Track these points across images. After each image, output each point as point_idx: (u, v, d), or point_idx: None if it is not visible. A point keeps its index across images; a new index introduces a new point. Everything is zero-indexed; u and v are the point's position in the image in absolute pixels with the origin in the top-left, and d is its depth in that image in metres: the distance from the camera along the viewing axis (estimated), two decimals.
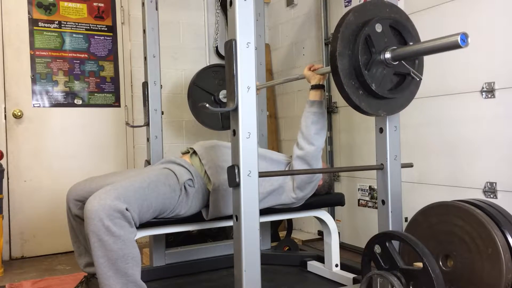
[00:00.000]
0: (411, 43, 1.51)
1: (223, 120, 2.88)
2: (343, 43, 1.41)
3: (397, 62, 1.47)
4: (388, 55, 1.45)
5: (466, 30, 2.30)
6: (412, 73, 1.50)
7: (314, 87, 1.92)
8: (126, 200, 1.55)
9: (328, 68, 1.77)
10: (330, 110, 3.29)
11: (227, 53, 1.36)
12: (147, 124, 2.31)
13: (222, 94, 2.84)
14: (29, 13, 3.18)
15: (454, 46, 1.28)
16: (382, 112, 1.53)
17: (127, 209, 1.53)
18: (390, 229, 1.69)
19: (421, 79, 1.55)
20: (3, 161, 2.98)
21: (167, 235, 2.50)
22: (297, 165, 1.91)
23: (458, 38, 1.26)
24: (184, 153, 2.02)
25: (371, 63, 1.44)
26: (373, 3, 1.50)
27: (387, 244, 1.52)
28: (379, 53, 1.45)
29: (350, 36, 1.42)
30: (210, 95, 2.86)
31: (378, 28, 1.44)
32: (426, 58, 2.52)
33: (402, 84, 1.53)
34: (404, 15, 1.56)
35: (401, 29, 1.51)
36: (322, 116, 1.90)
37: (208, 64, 3.72)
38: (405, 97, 1.58)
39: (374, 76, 1.45)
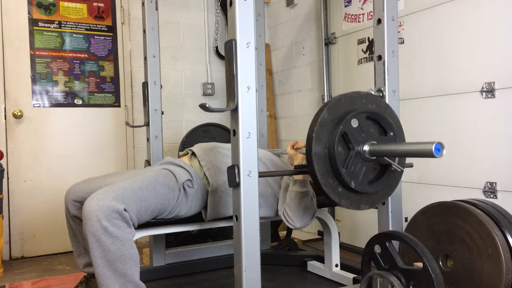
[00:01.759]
0: (391, 133, 1.48)
1: None
2: (319, 143, 1.38)
3: (375, 156, 1.44)
4: (366, 148, 1.42)
5: (466, 30, 2.32)
6: (393, 165, 1.45)
7: (297, 167, 1.82)
8: (124, 201, 1.54)
9: None
10: None
11: (227, 53, 1.36)
12: (147, 124, 2.31)
13: None
14: (29, 13, 3.18)
15: (428, 154, 1.23)
16: (364, 206, 1.49)
17: (125, 210, 1.53)
18: (390, 229, 1.69)
19: (402, 170, 1.51)
20: (3, 161, 2.98)
21: (167, 235, 2.50)
22: (286, 219, 1.88)
23: (433, 148, 1.22)
24: (183, 155, 2.01)
25: (349, 160, 1.41)
26: (348, 96, 1.46)
27: (387, 244, 1.52)
28: (357, 147, 1.42)
29: (325, 133, 1.39)
30: None
31: (354, 123, 1.41)
32: (426, 58, 2.53)
33: (383, 175, 1.49)
34: (382, 104, 1.53)
35: (379, 119, 1.48)
36: (305, 195, 1.81)
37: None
38: (388, 187, 1.54)
39: (353, 173, 1.42)
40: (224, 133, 3.00)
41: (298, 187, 1.81)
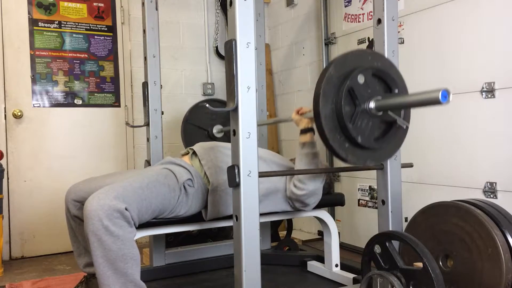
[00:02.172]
0: (396, 90, 1.49)
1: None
2: (325, 98, 1.38)
3: (382, 112, 1.45)
4: (372, 105, 1.43)
5: (466, 30, 2.32)
6: (398, 121, 1.47)
7: (303, 131, 1.89)
8: (125, 200, 1.55)
9: None
10: None
11: (227, 53, 1.36)
12: (147, 124, 2.31)
13: (216, 129, 2.84)
14: (29, 13, 3.18)
15: (435, 101, 1.25)
16: (370, 162, 1.50)
17: (126, 209, 1.53)
18: (390, 229, 1.69)
19: (407, 127, 1.52)
20: (3, 161, 2.98)
21: (167, 235, 2.50)
22: (293, 198, 1.93)
23: (439, 94, 1.23)
24: (184, 154, 2.02)
25: (355, 115, 1.41)
26: (354, 53, 1.47)
27: (387, 244, 1.52)
28: (363, 103, 1.42)
29: (332, 89, 1.39)
30: (204, 131, 2.86)
31: (361, 79, 1.42)
32: (426, 58, 2.53)
33: (389, 132, 1.50)
34: (387, 62, 1.53)
35: (385, 77, 1.48)
36: (314, 156, 1.88)
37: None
38: (394, 144, 1.55)
39: (360, 128, 1.42)
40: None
41: (307, 148, 1.88)
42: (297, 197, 1.91)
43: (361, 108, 1.42)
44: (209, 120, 2.89)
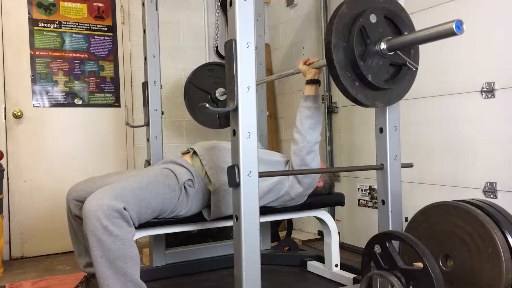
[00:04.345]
0: (406, 33, 1.50)
1: (221, 119, 2.88)
2: (338, 35, 1.40)
3: (392, 53, 1.47)
4: (383, 45, 1.44)
5: (466, 30, 2.31)
6: (408, 63, 1.49)
7: (310, 81, 1.92)
8: (124, 200, 1.55)
9: (324, 62, 1.76)
10: (330, 110, 3.29)
11: (227, 53, 1.36)
12: (147, 124, 2.31)
13: (218, 92, 2.84)
14: (29, 13, 3.18)
15: (450, 33, 1.26)
16: (379, 103, 1.52)
17: (125, 209, 1.53)
18: (390, 229, 1.69)
19: (417, 68, 1.54)
20: (3, 161, 2.98)
21: (167, 235, 2.50)
22: (294, 160, 1.91)
23: (453, 25, 1.23)
24: (184, 153, 2.01)
25: (366, 54, 1.43)
26: None
27: (387, 244, 1.52)
28: (374, 44, 1.44)
29: (344, 27, 1.42)
30: (207, 94, 2.86)
31: (373, 18, 1.44)
32: (426, 58, 2.53)
33: (399, 74, 1.53)
34: (398, 6, 1.55)
35: (396, 19, 1.50)
36: (316, 110, 1.89)
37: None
38: (402, 88, 1.57)
39: (370, 67, 1.44)
40: None
41: (310, 102, 1.89)
42: (298, 156, 1.88)
43: (372, 47, 1.44)
44: (212, 83, 2.89)
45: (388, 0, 1.53)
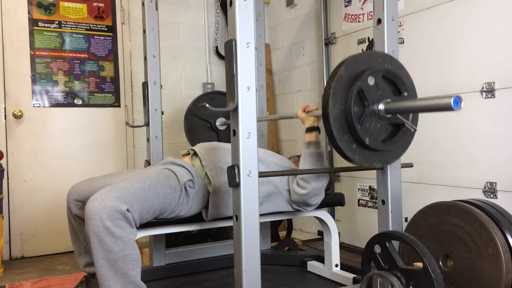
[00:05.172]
0: (405, 93, 1.49)
1: (220, 137, 2.86)
2: (335, 98, 1.39)
3: (390, 115, 1.45)
4: (381, 107, 1.43)
5: (466, 30, 2.32)
6: (406, 125, 1.47)
7: (309, 129, 1.89)
8: (127, 201, 1.55)
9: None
10: None
11: (227, 53, 1.36)
12: (147, 124, 2.31)
13: (219, 122, 2.82)
14: (29, 13, 3.18)
15: (447, 108, 1.23)
16: (376, 164, 1.51)
17: (128, 210, 1.53)
18: (390, 229, 1.69)
19: (415, 130, 1.52)
20: (3, 161, 2.98)
21: (167, 235, 2.50)
22: (294, 198, 1.93)
23: (451, 101, 1.21)
24: (184, 155, 2.02)
25: (364, 117, 1.41)
26: (365, 54, 1.47)
27: (387, 244, 1.52)
28: (372, 105, 1.43)
29: (342, 90, 1.40)
30: (207, 123, 2.85)
31: (371, 81, 1.42)
32: (426, 58, 2.53)
33: (397, 135, 1.50)
34: (398, 65, 1.53)
35: (395, 79, 1.48)
36: (319, 156, 1.87)
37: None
38: (400, 147, 1.56)
39: (368, 129, 1.42)
40: None
41: (312, 148, 1.87)
42: (300, 197, 1.90)
43: (370, 109, 1.42)
44: (212, 113, 2.87)
45: (387, 59, 1.51)
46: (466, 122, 2.32)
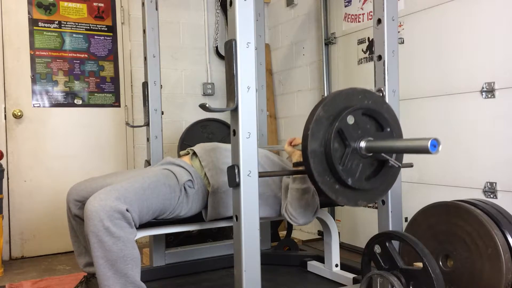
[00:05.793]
0: (388, 129, 1.47)
1: None
2: (314, 141, 1.37)
3: (372, 153, 1.43)
4: (363, 145, 1.41)
5: (466, 30, 2.32)
6: (390, 161, 1.44)
7: (295, 164, 1.81)
8: (126, 201, 1.55)
9: None
10: None
11: (227, 53, 1.36)
12: (147, 124, 2.31)
13: None
14: (29, 13, 3.18)
15: (424, 150, 1.22)
16: (361, 203, 1.48)
17: (127, 210, 1.53)
18: (390, 229, 1.69)
19: (400, 166, 1.50)
20: (3, 161, 2.98)
21: (167, 235, 2.50)
22: (286, 216, 1.88)
23: (428, 143, 1.20)
24: (184, 155, 2.01)
25: (345, 157, 1.39)
26: (344, 93, 1.44)
27: (387, 244, 1.52)
28: (353, 144, 1.40)
29: (321, 132, 1.38)
30: None
31: (350, 120, 1.39)
32: (426, 58, 2.53)
33: (381, 171, 1.47)
34: (379, 100, 1.51)
35: (376, 115, 1.46)
36: (306, 192, 1.80)
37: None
38: (386, 183, 1.52)
39: (350, 169, 1.40)
40: (223, 128, 2.98)
41: (298, 184, 1.80)
42: (292, 223, 1.89)
43: (351, 148, 1.40)
44: (205, 140, 2.87)
45: (366, 95, 1.48)
46: (466, 122, 2.32)
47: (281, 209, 1.91)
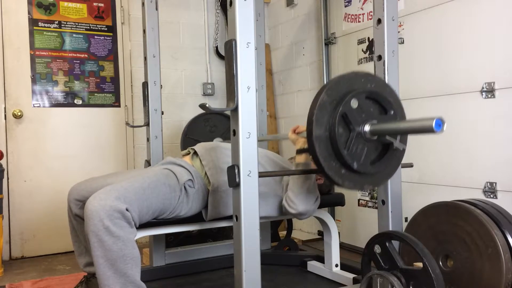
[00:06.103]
0: (391, 112, 1.46)
1: None
2: (319, 126, 1.36)
3: (377, 136, 1.42)
4: (367, 128, 1.40)
5: (466, 30, 2.32)
6: (395, 144, 1.43)
7: (299, 151, 1.85)
8: (126, 201, 1.55)
9: None
10: None
11: (227, 53, 1.36)
12: (147, 124, 2.31)
13: (217, 141, 2.82)
14: (29, 13, 3.18)
15: (429, 129, 1.22)
16: (367, 186, 1.49)
17: (127, 210, 1.53)
18: (390, 229, 1.69)
19: (404, 149, 1.49)
20: (3, 161, 2.98)
21: (167, 235, 2.50)
22: (284, 203, 1.89)
23: (433, 123, 1.20)
24: (185, 154, 2.02)
25: (350, 141, 1.39)
26: (346, 77, 1.44)
27: (387, 244, 1.52)
28: (357, 128, 1.40)
29: (325, 117, 1.37)
30: None
31: (354, 104, 1.39)
32: (426, 58, 2.53)
33: (386, 154, 1.47)
34: (381, 83, 1.50)
35: (379, 98, 1.46)
36: (308, 178, 1.82)
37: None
38: (391, 167, 1.52)
39: (355, 153, 1.40)
40: (225, 121, 2.96)
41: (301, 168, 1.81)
42: (291, 214, 1.88)
43: (355, 132, 1.40)
44: (208, 133, 2.87)
45: (370, 79, 1.47)
46: (466, 122, 2.32)
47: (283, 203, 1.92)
